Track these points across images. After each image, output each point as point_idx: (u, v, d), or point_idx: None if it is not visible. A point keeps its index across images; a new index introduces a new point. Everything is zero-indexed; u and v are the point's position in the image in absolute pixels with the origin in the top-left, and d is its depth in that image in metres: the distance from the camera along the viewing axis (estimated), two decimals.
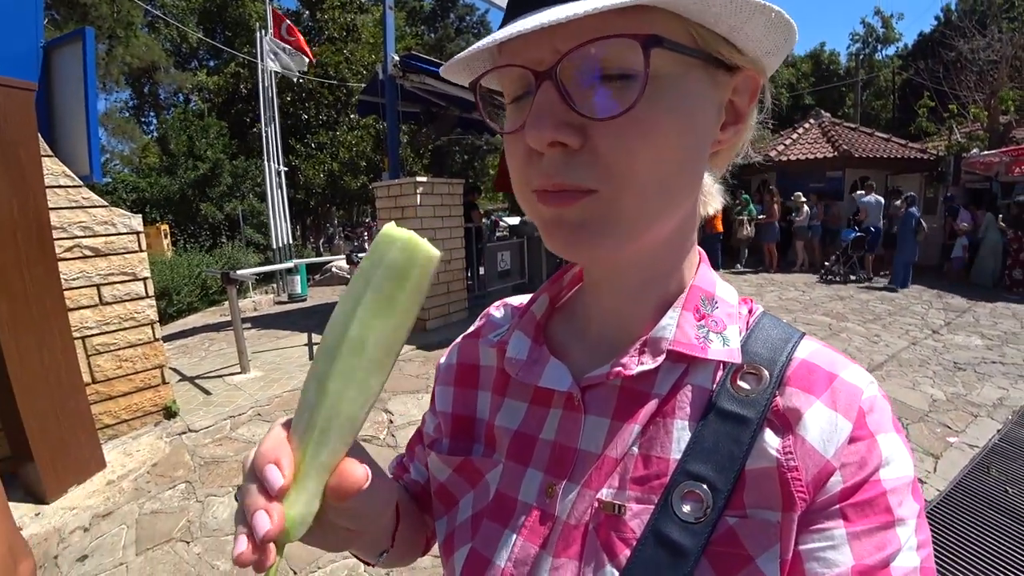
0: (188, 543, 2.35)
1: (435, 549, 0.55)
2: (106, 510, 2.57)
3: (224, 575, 2.16)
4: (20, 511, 2.54)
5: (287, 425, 0.35)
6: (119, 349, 3.24)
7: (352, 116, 15.73)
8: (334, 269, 11.00)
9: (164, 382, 3.51)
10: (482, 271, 7.55)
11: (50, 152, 2.92)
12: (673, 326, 0.42)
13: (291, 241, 9.91)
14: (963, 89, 12.10)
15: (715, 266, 8.96)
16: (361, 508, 0.37)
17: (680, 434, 0.39)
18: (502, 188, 10.15)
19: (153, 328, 3.42)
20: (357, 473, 0.33)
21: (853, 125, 13.52)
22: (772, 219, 10.34)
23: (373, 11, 17.81)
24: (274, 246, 9.46)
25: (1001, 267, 8.38)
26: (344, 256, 5.86)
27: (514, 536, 0.42)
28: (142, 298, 3.35)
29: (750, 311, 0.46)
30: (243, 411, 3.75)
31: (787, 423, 0.37)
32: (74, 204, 2.99)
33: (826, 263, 9.39)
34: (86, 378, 3.02)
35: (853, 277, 8.88)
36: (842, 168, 11.41)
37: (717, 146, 0.41)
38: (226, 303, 4.98)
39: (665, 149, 0.35)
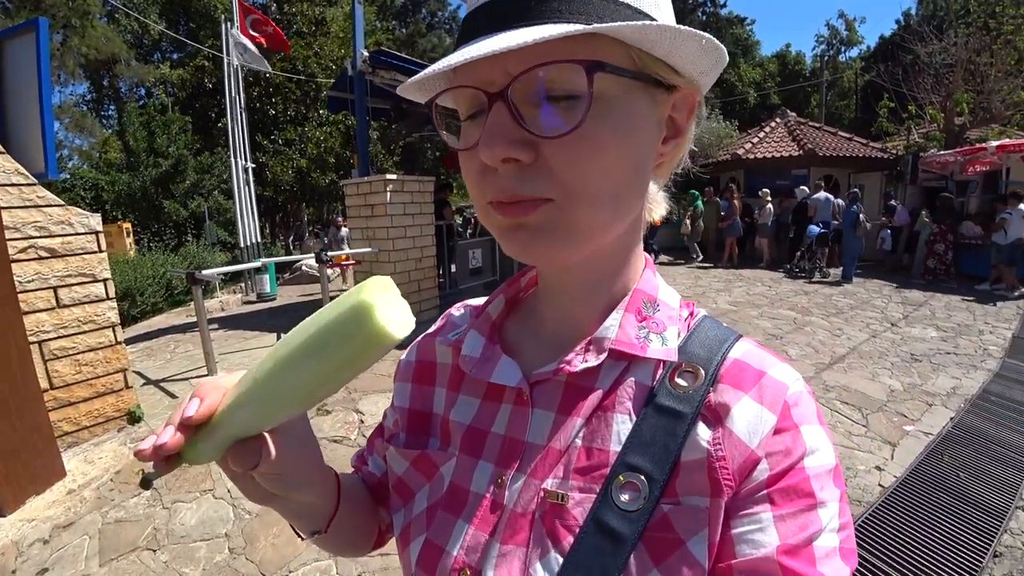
0: (155, 551, 2.29)
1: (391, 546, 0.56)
2: (67, 520, 2.48)
3: None
4: None
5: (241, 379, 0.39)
6: (78, 353, 3.13)
7: (321, 112, 15.43)
8: (304, 268, 10.79)
9: (127, 386, 3.40)
10: (454, 268, 7.53)
11: (1, 149, 2.79)
12: (616, 327, 0.45)
13: (260, 239, 9.69)
14: (921, 91, 12.57)
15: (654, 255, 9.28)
16: (273, 479, 0.42)
17: (620, 427, 0.42)
18: None
19: (115, 331, 3.31)
20: (245, 459, 0.38)
21: (818, 124, 13.96)
22: (734, 215, 10.64)
23: (343, 4, 17.47)
24: (242, 244, 9.23)
25: (922, 256, 8.99)
26: (314, 255, 5.75)
27: (466, 525, 0.44)
28: (102, 300, 3.23)
29: (691, 314, 0.49)
30: None
31: (718, 417, 0.40)
32: (28, 203, 2.87)
33: (793, 260, 9.69)
34: (44, 384, 2.91)
35: (817, 273, 9.18)
36: (807, 166, 11.78)
37: (660, 158, 0.44)
38: (192, 304, 4.85)
39: (611, 162, 0.38)
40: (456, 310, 0.61)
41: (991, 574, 2.13)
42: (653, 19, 0.38)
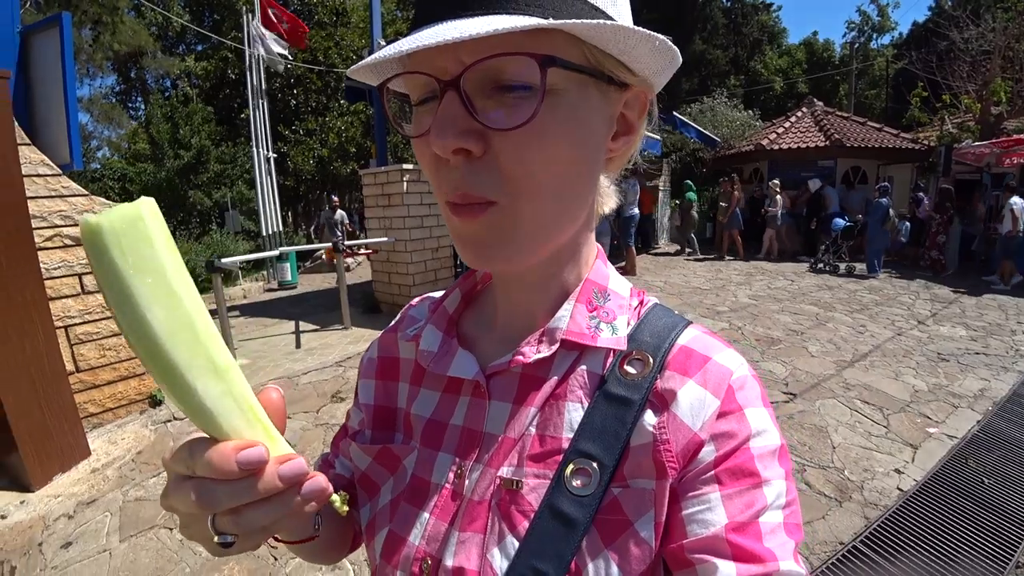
0: (171, 530, 2.36)
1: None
2: (90, 497, 2.57)
3: (206, 561, 2.17)
4: (5, 499, 2.54)
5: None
6: (103, 338, 3.22)
7: (342, 102, 15.50)
8: (323, 256, 10.95)
9: None
10: None
11: (27, 140, 2.87)
12: (567, 317, 0.46)
13: (281, 228, 9.84)
14: (956, 79, 12.11)
15: (641, 244, 9.19)
16: None
17: (572, 415, 0.43)
18: None
19: None
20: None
21: (846, 114, 13.50)
22: (734, 207, 10.47)
23: None
24: (264, 233, 9.40)
25: (917, 247, 9.27)
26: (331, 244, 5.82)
27: (427, 515, 0.45)
28: None
29: (641, 302, 0.50)
30: None
31: (664, 402, 0.42)
32: (53, 193, 2.95)
33: (817, 254, 9.48)
34: (70, 367, 3.01)
35: (842, 267, 8.96)
36: (834, 157, 11.42)
37: (610, 154, 0.45)
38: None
39: (559, 157, 0.38)
40: (415, 304, 0.62)
41: None
42: (610, 17, 0.39)
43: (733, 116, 14.29)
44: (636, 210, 9.20)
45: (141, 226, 0.30)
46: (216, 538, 0.32)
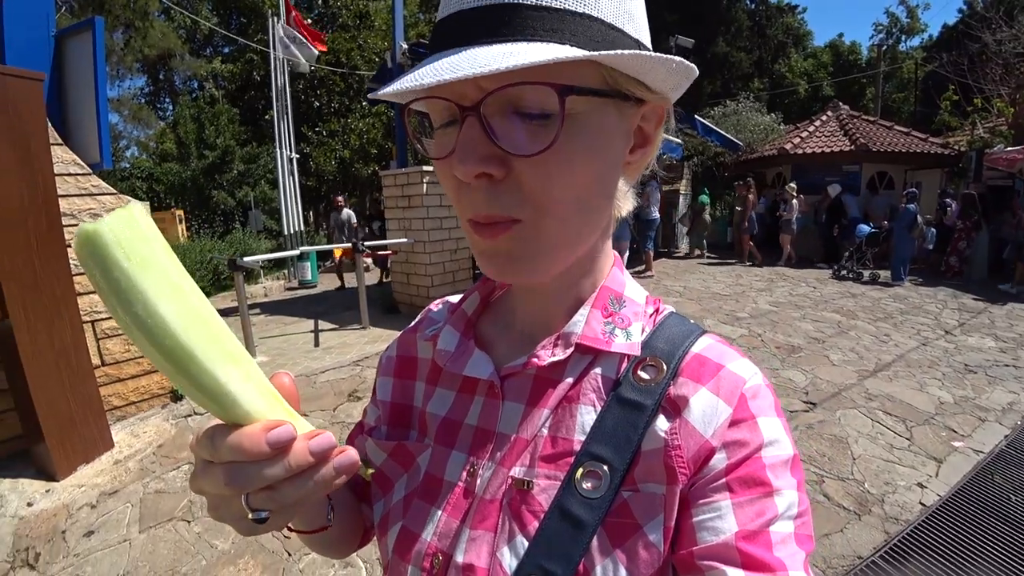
0: (189, 522, 2.42)
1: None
2: (112, 488, 2.64)
3: (223, 554, 2.22)
4: (31, 488, 2.62)
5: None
6: None
7: (364, 104, 15.71)
8: (336, 259, 11.05)
9: None
10: None
11: (59, 140, 2.97)
12: (582, 322, 0.47)
13: (303, 228, 10.00)
14: (988, 82, 11.75)
15: (654, 246, 9.15)
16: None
17: (585, 418, 0.44)
18: None
19: None
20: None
21: (872, 118, 13.20)
22: (748, 211, 10.28)
23: None
24: (285, 232, 9.55)
25: (942, 254, 9.05)
26: (351, 243, 5.90)
27: (439, 512, 0.46)
28: None
29: (657, 310, 0.51)
30: None
31: (676, 408, 0.42)
32: (83, 192, 3.05)
33: (840, 260, 9.28)
34: (95, 361, 3.10)
35: (865, 274, 8.76)
36: (859, 162, 11.17)
37: (627, 166, 0.46)
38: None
39: (580, 176, 0.39)
40: (435, 306, 0.63)
41: None
42: (627, 33, 0.39)
43: (757, 120, 14.04)
44: (656, 213, 9.13)
45: (138, 227, 0.31)
46: (251, 515, 0.33)
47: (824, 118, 12.66)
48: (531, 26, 0.34)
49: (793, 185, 10.14)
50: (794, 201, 9.91)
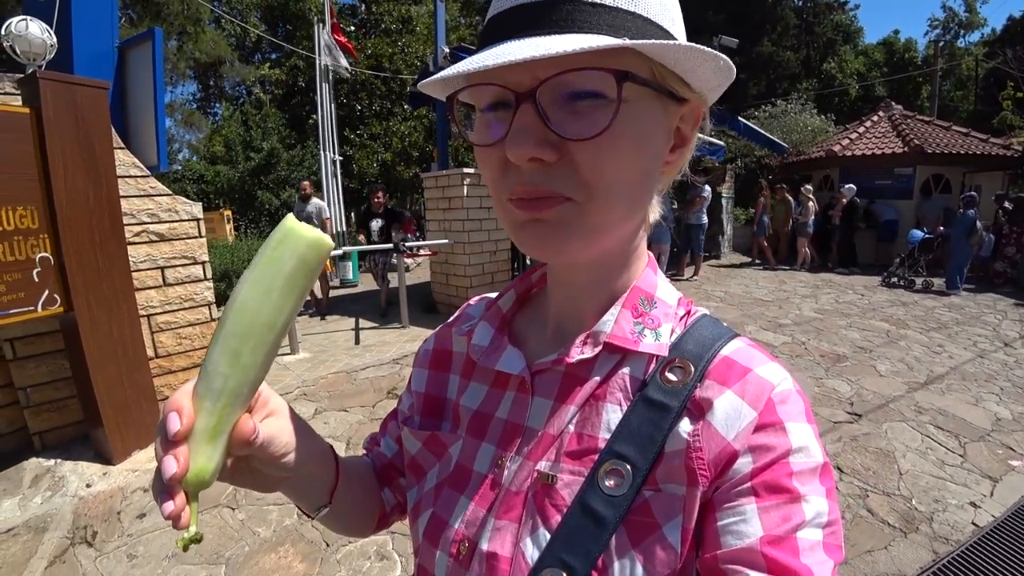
0: (233, 509, 2.52)
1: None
2: None
3: (264, 541, 2.31)
4: (90, 470, 2.79)
5: (194, 388, 0.40)
6: (179, 327, 3.49)
7: (406, 107, 16.03)
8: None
9: None
10: (529, 261, 7.59)
11: (122, 144, 3.15)
12: (612, 321, 0.47)
13: (345, 228, 10.27)
14: None
15: (694, 253, 8.93)
16: (273, 459, 0.44)
17: (610, 417, 0.45)
18: None
19: (210, 308, 3.66)
20: (246, 427, 0.41)
21: (928, 118, 12.52)
22: (759, 213, 10.11)
23: (428, 3, 17.99)
24: (331, 232, 9.82)
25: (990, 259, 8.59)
26: (392, 244, 6.02)
27: (468, 501, 0.48)
28: (200, 280, 3.58)
29: (688, 312, 0.51)
30: (290, 390, 3.96)
31: (700, 410, 0.42)
32: (142, 193, 3.23)
33: (890, 267, 8.87)
34: (149, 353, 3.27)
35: (917, 282, 8.33)
36: (913, 165, 10.60)
37: (665, 166, 0.46)
38: None
39: (630, 164, 0.40)
40: (473, 302, 0.65)
41: None
42: (673, 36, 0.40)
43: (806, 121, 13.52)
44: (705, 218, 8.98)
45: (314, 255, 0.41)
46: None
47: (875, 118, 12.11)
48: (587, 20, 0.36)
49: (809, 187, 9.91)
50: (810, 204, 9.67)
